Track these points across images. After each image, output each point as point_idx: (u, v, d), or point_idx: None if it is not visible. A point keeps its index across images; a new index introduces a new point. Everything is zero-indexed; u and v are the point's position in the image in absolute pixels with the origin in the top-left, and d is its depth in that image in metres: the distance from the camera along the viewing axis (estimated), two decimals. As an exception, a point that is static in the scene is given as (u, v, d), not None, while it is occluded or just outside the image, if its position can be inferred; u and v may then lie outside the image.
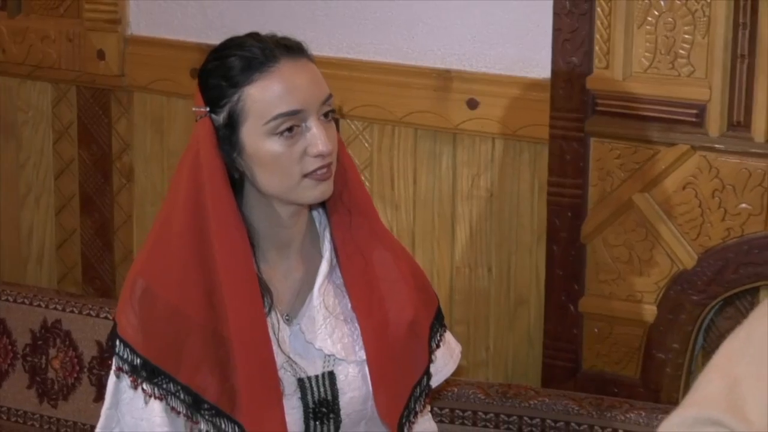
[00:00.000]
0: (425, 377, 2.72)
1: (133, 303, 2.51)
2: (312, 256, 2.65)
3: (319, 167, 2.46)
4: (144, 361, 2.48)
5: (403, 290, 2.67)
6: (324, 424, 2.60)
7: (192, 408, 2.50)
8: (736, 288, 3.26)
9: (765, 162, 3.17)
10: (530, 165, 3.49)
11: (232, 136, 2.48)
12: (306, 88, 2.47)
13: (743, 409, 2.45)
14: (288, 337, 2.58)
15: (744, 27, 3.15)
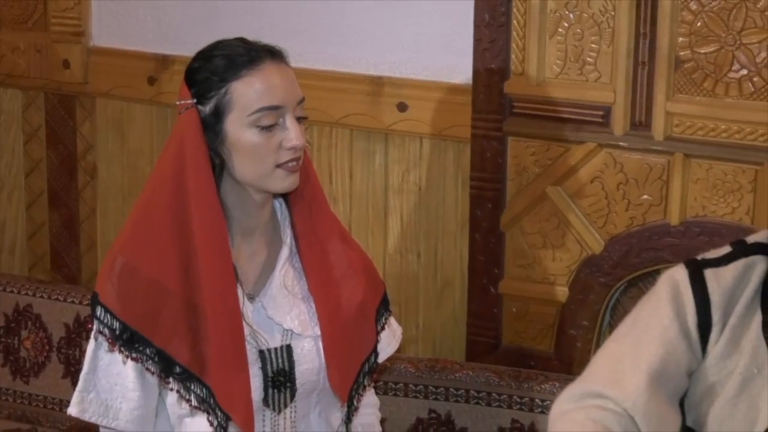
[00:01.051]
0: (373, 355, 2.74)
1: (112, 278, 2.52)
2: (274, 241, 2.67)
3: (290, 159, 2.51)
4: (123, 326, 2.50)
5: (354, 277, 2.69)
6: (281, 392, 2.61)
7: (165, 370, 2.51)
8: (638, 271, 3.28)
9: (664, 158, 3.19)
10: (454, 162, 3.49)
11: (216, 126, 2.51)
12: (285, 87, 2.52)
13: (622, 382, 2.49)
14: (251, 313, 2.59)
15: (644, 37, 3.16)
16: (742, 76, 3.09)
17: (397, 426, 3.26)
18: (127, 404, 2.56)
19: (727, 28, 3.08)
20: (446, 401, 3.23)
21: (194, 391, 2.52)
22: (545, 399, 3.11)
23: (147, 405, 2.58)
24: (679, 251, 3.13)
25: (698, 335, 2.56)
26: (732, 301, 2.57)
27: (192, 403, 2.53)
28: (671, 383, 2.55)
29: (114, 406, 2.56)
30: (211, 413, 2.52)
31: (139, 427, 2.58)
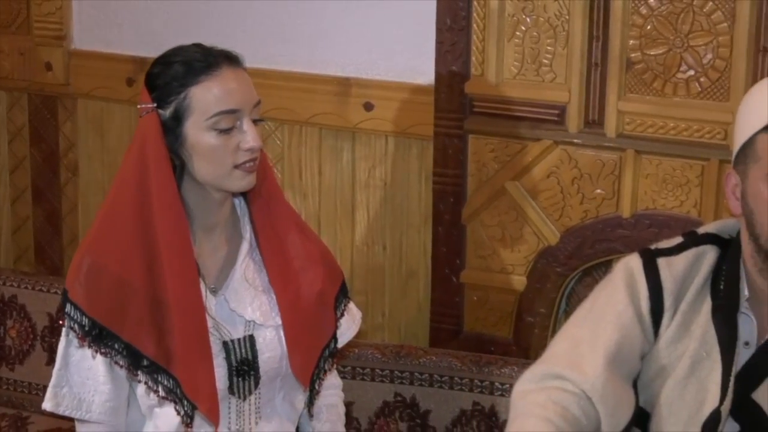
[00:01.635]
0: (333, 341, 2.72)
1: (80, 276, 2.49)
2: (234, 237, 2.65)
3: (248, 160, 2.49)
4: (92, 322, 2.47)
5: (312, 267, 2.68)
6: (245, 380, 2.59)
7: (133, 364, 2.48)
8: (592, 261, 3.28)
9: (616, 154, 3.19)
10: (418, 158, 3.47)
11: (176, 129, 2.48)
12: (242, 92, 2.49)
13: (581, 364, 2.49)
14: (214, 306, 2.57)
15: (597, 39, 3.16)
16: (689, 77, 3.09)
17: (365, 409, 3.25)
18: (99, 397, 2.54)
19: (675, 31, 3.08)
20: (411, 385, 3.22)
21: (162, 383, 2.50)
22: (505, 383, 3.10)
23: (118, 397, 2.57)
24: (630, 242, 3.13)
25: (651, 320, 2.57)
26: (683, 288, 2.58)
27: (160, 394, 2.51)
28: (626, 366, 2.56)
29: (87, 399, 2.55)
30: (178, 403, 2.51)
31: (111, 418, 2.57)
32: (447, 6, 3.27)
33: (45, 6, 3.91)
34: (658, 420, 2.58)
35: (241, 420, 2.63)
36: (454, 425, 3.19)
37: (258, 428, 2.65)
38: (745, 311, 2.54)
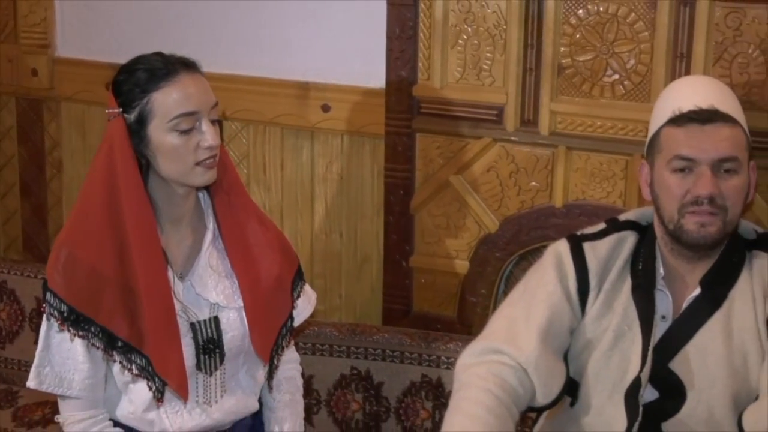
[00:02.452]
0: (290, 320, 2.73)
1: (58, 267, 2.50)
2: (198, 228, 2.66)
3: (208, 157, 2.49)
4: (70, 309, 2.48)
5: (270, 254, 2.69)
6: (211, 357, 2.60)
7: (108, 345, 2.50)
8: (528, 247, 3.28)
9: (549, 150, 3.20)
10: (370, 155, 3.47)
11: (141, 131, 2.48)
12: (200, 95, 2.49)
13: (517, 340, 2.52)
14: (181, 291, 2.58)
15: (531, 47, 3.17)
16: (614, 80, 3.10)
17: (324, 381, 3.25)
18: (79, 375, 2.55)
19: (601, 39, 3.09)
20: (365, 360, 3.23)
21: (135, 362, 2.52)
22: (450, 357, 3.11)
23: (96, 374, 2.57)
24: (562, 230, 3.11)
25: (578, 299, 2.59)
26: (606, 269, 2.60)
27: (133, 372, 2.53)
28: (557, 340, 2.57)
29: (67, 377, 2.55)
30: (150, 380, 2.52)
31: (90, 393, 2.58)
32: (396, 17, 3.27)
33: (31, 17, 3.88)
34: (586, 388, 2.60)
35: (208, 393, 2.64)
36: (405, 395, 3.20)
37: (223, 401, 2.66)
38: (661, 288, 2.56)
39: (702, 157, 2.43)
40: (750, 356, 2.50)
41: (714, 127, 2.44)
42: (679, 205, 2.46)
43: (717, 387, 2.49)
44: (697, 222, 2.45)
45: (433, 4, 3.23)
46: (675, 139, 2.46)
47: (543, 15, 3.13)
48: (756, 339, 2.50)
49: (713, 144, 2.43)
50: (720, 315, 2.52)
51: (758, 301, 2.52)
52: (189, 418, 2.61)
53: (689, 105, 2.48)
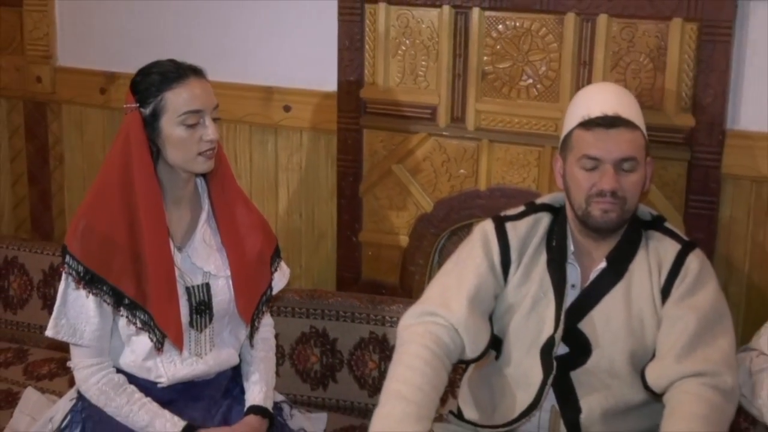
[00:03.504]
0: (269, 289, 2.76)
1: (77, 235, 2.54)
2: (195, 208, 2.68)
3: (208, 149, 2.54)
4: (85, 270, 2.52)
5: (254, 233, 2.72)
6: (202, 317, 2.64)
7: (117, 302, 2.53)
8: (458, 224, 3.27)
9: (474, 143, 3.19)
10: (325, 147, 3.44)
11: (154, 123, 2.52)
12: (205, 96, 2.54)
13: (449, 304, 2.54)
14: (180, 260, 2.61)
15: (459, 56, 3.16)
16: (529, 84, 3.10)
17: (288, 338, 3.23)
18: (90, 327, 2.56)
19: (518, 50, 3.08)
20: (322, 320, 3.21)
21: (139, 317, 2.54)
22: (393, 317, 3.10)
23: (104, 327, 2.58)
24: (486, 210, 3.13)
25: (501, 270, 2.61)
26: (525, 245, 2.62)
27: (137, 326, 2.55)
28: (483, 304, 2.59)
29: (80, 328, 2.57)
30: (152, 332, 2.55)
31: (98, 343, 2.59)
32: (346, 31, 3.25)
33: (35, 32, 3.83)
34: (508, 345, 2.60)
35: (199, 347, 2.65)
36: (356, 349, 3.19)
37: (210, 354, 2.67)
38: (571, 261, 2.57)
39: (606, 157, 2.45)
40: (646, 320, 2.52)
41: (617, 131, 2.46)
42: (587, 196, 2.48)
43: (617, 345, 2.51)
44: (601, 209, 2.47)
45: (377, 20, 3.21)
46: (584, 141, 2.47)
47: (469, 29, 3.12)
48: (651, 305, 2.52)
49: (616, 146, 2.45)
50: (621, 285, 2.54)
51: (653, 273, 2.54)
52: (181, 367, 2.63)
53: (597, 111, 2.49)
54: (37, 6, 3.80)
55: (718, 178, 2.92)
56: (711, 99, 2.88)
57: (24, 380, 3.30)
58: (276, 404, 2.80)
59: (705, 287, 2.50)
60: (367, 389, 3.18)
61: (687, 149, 2.93)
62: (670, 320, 2.48)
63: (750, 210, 2.94)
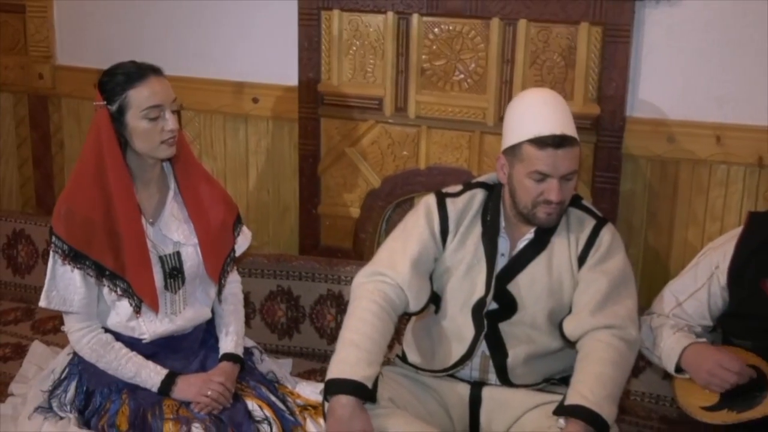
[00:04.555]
0: (232, 252, 2.73)
1: (60, 218, 2.50)
2: (163, 187, 2.63)
3: (169, 137, 2.49)
4: (69, 248, 2.49)
5: (217, 205, 2.68)
6: (175, 280, 2.60)
7: (99, 273, 2.50)
8: (401, 197, 3.24)
9: (415, 129, 3.16)
10: (288, 134, 3.38)
11: (120, 118, 2.47)
12: (164, 92, 2.48)
13: (396, 266, 2.53)
14: (152, 233, 2.57)
15: (402, 55, 3.12)
16: (461, 79, 3.07)
17: (258, 296, 3.19)
18: (78, 296, 2.53)
19: (451, 49, 3.05)
20: (287, 280, 3.17)
21: (119, 285, 2.52)
22: (348, 276, 3.07)
23: (90, 295, 2.55)
24: (425, 185, 3.12)
25: (440, 237, 2.61)
26: (461, 217, 2.62)
27: (118, 293, 2.53)
28: (424, 266, 2.59)
29: (69, 298, 2.54)
30: (130, 298, 2.54)
31: (86, 309, 2.56)
32: (305, 34, 3.20)
33: (37, 36, 3.74)
34: (445, 302, 2.60)
35: (174, 306, 2.62)
36: (316, 305, 3.15)
37: (185, 312, 2.64)
38: (502, 234, 2.57)
39: (555, 173, 2.42)
40: (564, 283, 2.53)
41: (564, 151, 2.41)
42: (534, 202, 2.46)
43: (539, 304, 2.53)
44: (546, 213, 2.47)
45: (331, 24, 3.16)
46: (536, 158, 2.40)
47: (409, 32, 3.08)
48: (569, 271, 2.53)
49: (563, 164, 2.41)
50: (544, 254, 2.54)
51: (572, 244, 2.54)
52: (160, 324, 2.59)
53: (547, 131, 2.40)
54: (38, 13, 3.72)
55: (620, 158, 2.92)
56: (613, 91, 2.87)
57: (31, 335, 3.25)
58: (247, 349, 2.77)
59: (615, 256, 2.52)
60: (326, 338, 3.15)
61: (594, 133, 2.92)
62: (585, 283, 2.49)
63: (646, 184, 2.94)
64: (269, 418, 2.51)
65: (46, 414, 2.56)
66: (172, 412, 2.47)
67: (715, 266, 2.50)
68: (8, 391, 2.77)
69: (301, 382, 2.77)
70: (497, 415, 2.54)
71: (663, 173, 2.91)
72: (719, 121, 2.81)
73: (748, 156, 2.79)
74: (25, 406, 2.63)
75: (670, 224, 2.93)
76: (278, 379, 2.75)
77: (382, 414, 2.39)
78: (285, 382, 2.75)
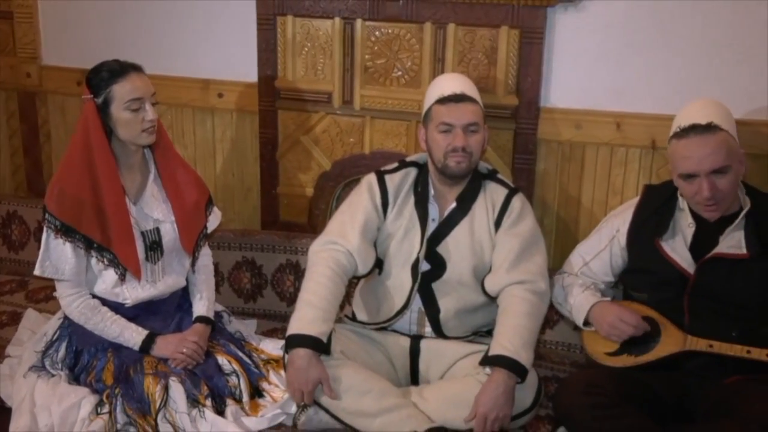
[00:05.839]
0: (204, 229, 2.71)
1: (53, 197, 2.47)
2: (144, 171, 2.60)
3: (149, 127, 2.48)
4: (61, 223, 2.45)
5: (190, 187, 2.65)
6: (155, 252, 2.58)
7: (88, 246, 2.48)
8: (349, 178, 3.21)
9: (360, 119, 3.14)
10: (250, 125, 3.33)
11: (106, 110, 2.45)
12: (144, 87, 2.47)
13: (345, 235, 2.54)
14: (134, 211, 2.54)
15: (348, 55, 3.09)
16: (399, 75, 3.05)
17: (226, 266, 3.15)
18: (69, 266, 2.50)
19: (390, 50, 3.04)
20: (251, 251, 3.14)
21: (105, 256, 2.49)
22: (304, 247, 3.04)
23: (79, 265, 2.51)
24: (370, 168, 3.05)
25: (381, 209, 2.63)
26: (398, 190, 2.64)
27: (105, 263, 2.50)
28: (369, 234, 2.61)
29: (61, 267, 2.50)
30: (116, 267, 2.51)
31: (76, 277, 2.52)
32: (263, 37, 3.15)
33: (24, 39, 3.62)
34: (388, 264, 2.62)
35: (154, 275, 2.59)
36: (276, 272, 3.12)
37: (163, 280, 2.62)
38: (432, 202, 2.58)
39: (457, 123, 2.47)
40: (484, 244, 2.56)
41: (464, 104, 2.49)
42: (444, 153, 2.50)
43: (464, 263, 2.56)
44: (456, 161, 2.49)
45: (286, 28, 3.13)
46: (441, 112, 2.51)
47: (354, 35, 3.06)
48: (488, 234, 2.56)
49: (463, 115, 2.48)
50: (467, 219, 2.58)
51: (489, 210, 2.57)
52: (141, 291, 2.57)
53: (449, 91, 2.51)
54: (24, 18, 3.60)
55: (535, 142, 2.94)
56: (529, 85, 2.88)
57: (25, 303, 3.17)
58: (217, 313, 2.76)
59: (525, 220, 2.55)
60: (285, 301, 3.12)
61: (513, 121, 2.93)
62: (501, 244, 2.52)
63: (557, 164, 2.96)
64: (237, 371, 2.51)
65: (40, 372, 2.53)
66: (152, 367, 2.45)
67: (616, 230, 2.55)
68: (5, 353, 2.72)
69: (264, 340, 2.76)
70: (433, 363, 2.56)
71: (572, 155, 2.94)
72: (618, 110, 2.84)
73: (643, 140, 2.83)
74: (20, 365, 2.59)
75: (578, 198, 2.96)
76: (244, 338, 2.74)
77: (335, 364, 2.40)
78: (250, 340, 2.74)
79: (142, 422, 2.33)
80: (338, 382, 2.36)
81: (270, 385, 2.53)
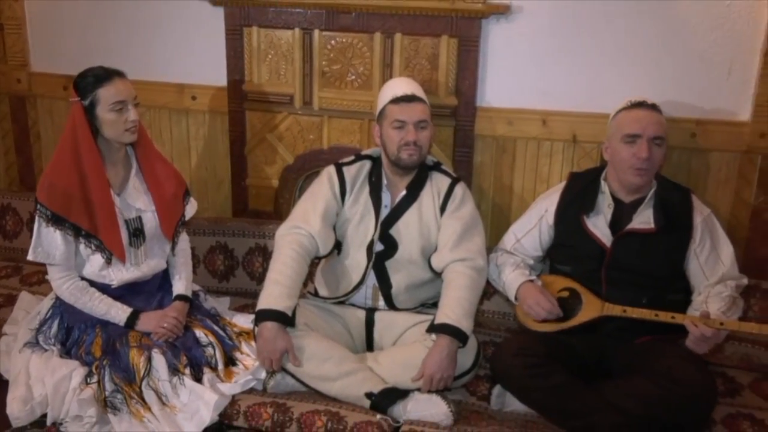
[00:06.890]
0: (182, 217, 2.68)
1: (44, 189, 2.43)
2: (127, 166, 2.58)
3: (132, 126, 2.45)
4: (52, 213, 2.43)
5: (169, 180, 2.62)
6: (138, 238, 2.56)
7: (77, 233, 2.46)
8: (309, 171, 3.20)
9: (319, 118, 3.12)
10: (221, 124, 3.29)
11: (92, 111, 2.42)
12: (127, 90, 2.44)
13: (308, 221, 2.53)
14: (119, 202, 2.51)
15: (307, 61, 3.07)
16: (353, 79, 3.04)
17: (201, 250, 3.12)
18: (59, 251, 2.47)
19: (345, 57, 3.03)
20: (224, 236, 3.12)
21: (93, 242, 2.46)
22: (271, 232, 3.03)
23: (69, 251, 2.48)
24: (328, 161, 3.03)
25: (340, 197, 2.63)
26: (355, 180, 2.64)
27: (92, 248, 2.47)
28: (329, 219, 2.61)
29: (52, 253, 2.47)
30: (103, 252, 2.48)
31: (66, 262, 2.49)
32: (231, 45, 3.12)
33: (14, 47, 3.53)
34: (346, 245, 2.62)
35: (137, 259, 2.57)
36: (247, 255, 3.10)
37: (146, 263, 2.59)
38: (385, 190, 2.59)
39: (409, 120, 2.50)
40: (431, 227, 2.58)
41: (414, 104, 2.51)
42: (398, 146, 2.53)
43: (413, 244, 2.58)
44: (408, 154, 2.51)
45: (252, 38, 3.10)
46: (394, 111, 2.53)
47: (312, 44, 3.04)
48: (434, 218, 2.58)
49: (414, 113, 2.50)
50: (415, 205, 2.59)
51: (435, 197, 2.59)
52: (126, 273, 2.54)
53: (401, 92, 2.52)
54: (14, 30, 3.51)
55: (473, 137, 2.96)
56: (467, 87, 2.90)
57: (20, 286, 3.11)
58: (194, 292, 2.74)
59: (465, 206, 2.58)
60: (255, 281, 3.11)
61: (453, 119, 2.95)
62: (445, 226, 2.54)
63: (492, 156, 2.99)
64: (213, 342, 2.51)
65: (34, 348, 2.50)
66: (136, 341, 2.44)
67: (545, 210, 2.59)
68: (2, 332, 2.68)
69: (236, 315, 2.76)
70: (386, 332, 2.58)
71: (504, 148, 2.97)
72: (544, 108, 2.88)
73: (566, 134, 2.88)
74: (16, 342, 2.55)
75: (511, 186, 3.00)
76: (219, 313, 2.73)
77: (300, 335, 2.41)
78: (224, 315, 2.74)
79: (128, 389, 2.32)
80: (302, 351, 2.37)
81: (242, 354, 2.53)
